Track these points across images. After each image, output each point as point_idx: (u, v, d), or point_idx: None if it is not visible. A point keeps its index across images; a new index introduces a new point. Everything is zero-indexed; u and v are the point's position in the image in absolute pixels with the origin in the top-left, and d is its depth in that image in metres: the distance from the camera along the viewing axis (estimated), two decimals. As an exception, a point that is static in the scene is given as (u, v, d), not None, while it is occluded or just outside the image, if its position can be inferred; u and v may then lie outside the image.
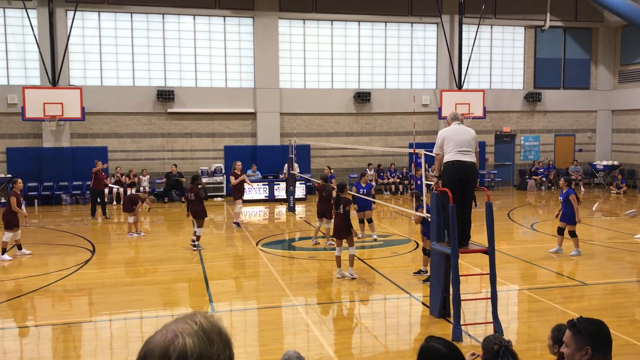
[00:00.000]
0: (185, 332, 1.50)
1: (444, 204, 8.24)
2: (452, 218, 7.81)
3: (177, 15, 23.33)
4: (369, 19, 25.10)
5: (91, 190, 18.66)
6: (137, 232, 15.55)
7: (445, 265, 8.48)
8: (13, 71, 22.17)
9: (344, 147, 23.41)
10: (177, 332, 1.50)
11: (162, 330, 1.54)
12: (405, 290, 10.24)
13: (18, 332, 8.57)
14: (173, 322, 1.56)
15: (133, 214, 15.40)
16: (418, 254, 12.76)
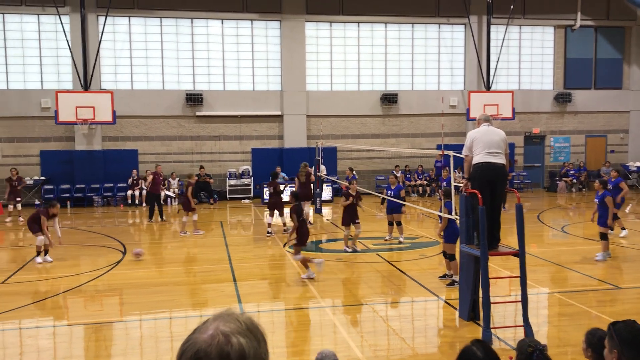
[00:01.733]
0: (236, 333, 1.48)
1: (473, 206, 8.16)
2: (481, 220, 7.73)
3: (205, 19, 23.60)
4: (396, 20, 25.03)
5: (148, 194, 18.90)
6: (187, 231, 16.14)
7: (474, 268, 8.39)
8: (46, 76, 22.69)
9: (370, 149, 23.37)
10: (228, 333, 1.47)
11: (207, 331, 1.49)
12: (434, 292, 10.17)
13: (52, 331, 8.76)
14: (214, 321, 1.52)
15: (195, 212, 15.98)
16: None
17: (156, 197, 18.56)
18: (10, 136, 22.39)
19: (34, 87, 22.55)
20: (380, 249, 13.86)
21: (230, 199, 23.27)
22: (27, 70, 22.60)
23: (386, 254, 13.33)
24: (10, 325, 8.85)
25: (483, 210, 7.73)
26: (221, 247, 14.41)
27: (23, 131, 22.44)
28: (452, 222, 10.32)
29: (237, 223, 18.52)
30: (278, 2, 23.82)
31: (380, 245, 14.34)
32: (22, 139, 22.48)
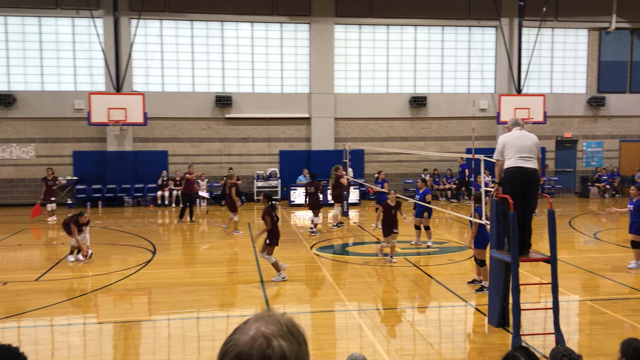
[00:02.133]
0: (277, 335, 1.46)
1: (504, 211, 8.04)
2: (512, 225, 7.62)
3: (235, 22, 23.79)
4: (425, 23, 24.88)
5: (182, 195, 19.10)
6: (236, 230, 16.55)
7: (504, 274, 8.28)
8: (80, 78, 23.14)
9: (398, 152, 23.25)
10: (269, 336, 1.46)
11: (248, 332, 1.48)
12: (462, 298, 10.05)
13: (82, 329, 8.91)
14: (255, 321, 1.51)
15: (237, 213, 16.38)
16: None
17: (189, 197, 18.74)
18: (44, 136, 22.89)
19: (68, 89, 23.03)
20: (408, 253, 13.77)
21: (258, 200, 23.38)
22: (62, 72, 23.08)
23: (414, 258, 13.23)
24: (43, 322, 9.03)
25: (514, 216, 7.62)
26: (249, 248, 14.49)
27: (57, 132, 22.93)
28: (482, 227, 10.19)
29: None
30: (307, 5, 23.89)
31: (407, 249, 14.24)
32: (56, 139, 22.96)
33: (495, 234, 8.40)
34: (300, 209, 21.73)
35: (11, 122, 22.64)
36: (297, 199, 22.45)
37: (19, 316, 9.25)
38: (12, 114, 22.52)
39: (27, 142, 22.83)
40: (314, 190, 16.44)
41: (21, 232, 17.07)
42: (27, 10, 22.38)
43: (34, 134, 22.84)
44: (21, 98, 22.54)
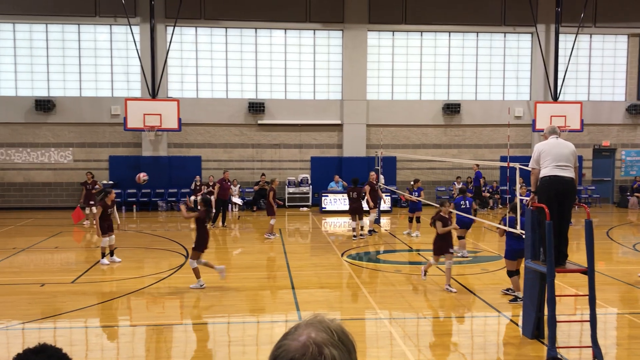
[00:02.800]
0: (329, 344, 1.46)
1: (540, 221, 7.88)
2: (548, 235, 7.45)
3: (269, 29, 24.00)
4: (460, 29, 24.67)
5: (216, 200, 19.28)
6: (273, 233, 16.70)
7: (539, 285, 8.10)
8: (117, 84, 23.63)
9: (431, 160, 23.05)
10: (320, 344, 1.45)
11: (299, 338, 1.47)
12: (495, 308, 9.87)
13: (116, 331, 9.04)
14: (306, 328, 1.50)
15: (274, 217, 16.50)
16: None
17: (223, 202, 18.89)
18: (81, 141, 23.42)
19: (105, 95, 23.53)
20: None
21: (289, 206, 23.46)
22: (99, 79, 23.61)
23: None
24: (78, 324, 9.20)
25: (550, 225, 7.45)
26: (280, 254, 14.53)
27: (94, 137, 23.43)
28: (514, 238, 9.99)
29: (295, 231, 18.63)
30: (341, 12, 23.94)
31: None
32: (93, 144, 23.46)
33: (531, 243, 8.23)
34: (331, 216, 21.71)
35: (50, 127, 23.23)
36: (328, 205, 22.45)
37: (55, 317, 9.44)
38: (51, 119, 23.12)
39: (65, 146, 23.39)
40: (356, 195, 16.59)
41: (58, 234, 17.46)
42: (67, 18, 22.98)
43: (72, 138, 23.39)
44: (60, 104, 23.12)
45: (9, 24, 23.03)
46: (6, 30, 23.10)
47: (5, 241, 16.20)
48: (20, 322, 9.09)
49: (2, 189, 23.22)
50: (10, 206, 23.03)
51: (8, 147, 23.14)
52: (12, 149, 23.17)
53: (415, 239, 16.69)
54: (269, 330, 8.99)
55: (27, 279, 11.82)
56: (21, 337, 8.57)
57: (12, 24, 23.05)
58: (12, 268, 13.04)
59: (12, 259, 13.94)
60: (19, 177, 23.28)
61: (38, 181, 23.32)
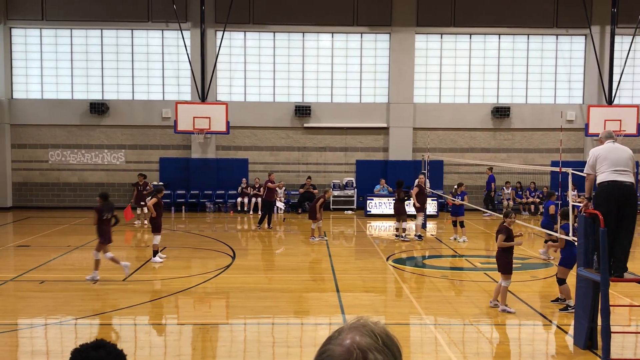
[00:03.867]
0: (373, 348, 1.45)
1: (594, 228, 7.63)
2: (602, 243, 7.21)
3: (316, 33, 24.12)
4: (510, 31, 24.19)
5: (263, 202, 19.60)
6: (320, 236, 16.75)
7: (592, 294, 7.84)
8: (168, 87, 24.20)
9: (479, 164, 22.65)
10: (364, 348, 1.44)
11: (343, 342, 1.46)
12: (545, 316, 9.61)
13: (163, 329, 9.24)
14: (350, 332, 1.49)
15: (316, 221, 16.48)
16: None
17: (269, 204, 19.10)
18: (133, 143, 24.07)
19: (157, 98, 24.13)
20: (488, 267, 13.34)
21: (334, 209, 23.47)
22: (151, 82, 24.22)
23: (495, 273, 12.76)
24: (128, 321, 9.45)
25: (604, 232, 7.21)
26: (325, 257, 14.55)
27: (145, 139, 24.05)
28: (570, 245, 9.69)
29: (339, 234, 18.63)
30: (388, 15, 23.84)
31: (488, 264, 13.80)
32: (144, 146, 24.08)
33: (583, 251, 7.98)
34: (376, 219, 21.60)
35: (104, 129, 23.98)
36: (373, 209, 22.36)
37: (106, 314, 9.72)
38: (104, 121, 23.86)
39: (117, 148, 24.09)
40: (397, 197, 17.03)
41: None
42: (121, 23, 23.69)
43: (124, 140, 24.06)
44: (113, 107, 23.84)
45: (67, 30, 23.91)
46: (64, 36, 23.98)
47: (60, 239, 16.80)
48: (73, 317, 9.40)
49: (58, 189, 24.09)
50: (65, 205, 23.87)
51: (64, 149, 24.00)
52: (67, 150, 24.02)
53: (462, 245, 16.43)
54: (312, 332, 9.01)
55: (80, 276, 12.21)
56: (74, 333, 8.86)
57: (69, 30, 23.92)
58: (66, 265, 13.51)
59: (66, 256, 14.44)
60: (73, 177, 24.11)
61: (91, 181, 24.10)
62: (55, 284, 11.58)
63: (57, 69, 24.09)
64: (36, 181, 24.05)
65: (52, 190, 24.06)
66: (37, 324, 9.18)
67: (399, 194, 17.29)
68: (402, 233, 17.18)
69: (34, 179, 24.05)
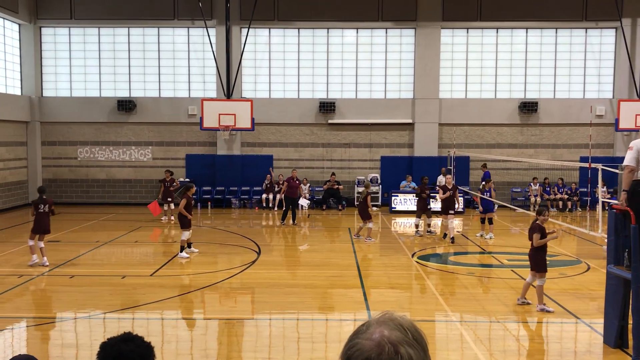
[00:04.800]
0: (403, 343, 1.44)
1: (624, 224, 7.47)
2: (634, 240, 7.06)
3: (341, 29, 24.06)
4: (538, 25, 23.80)
5: (285, 198, 19.70)
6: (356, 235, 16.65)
7: (623, 291, 7.69)
8: (194, 84, 24.41)
9: (506, 160, 22.36)
10: (395, 343, 1.43)
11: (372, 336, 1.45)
12: (574, 314, 9.46)
13: (190, 323, 9.34)
14: (378, 326, 1.48)
15: (370, 220, 16.18)
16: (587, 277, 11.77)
17: (292, 200, 19.16)
18: (160, 140, 24.35)
19: (182, 95, 24.35)
20: (515, 264, 13.18)
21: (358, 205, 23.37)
22: (177, 80, 24.46)
23: (522, 270, 12.60)
24: (155, 315, 9.57)
25: (635, 229, 7.06)
26: (349, 253, 14.53)
27: (172, 136, 24.31)
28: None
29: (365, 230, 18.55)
30: (413, 10, 23.66)
31: (516, 260, 13.63)
32: (171, 143, 24.34)
33: (614, 248, 7.83)
34: (401, 216, 21.50)
35: (131, 126, 24.30)
36: (398, 205, 22.26)
37: (133, 308, 9.87)
38: (132, 118, 24.17)
39: (144, 145, 24.39)
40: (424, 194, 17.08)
41: (138, 229, 18.23)
42: (147, 21, 23.95)
43: (151, 137, 24.36)
44: (140, 104, 24.14)
45: (94, 28, 24.27)
46: (92, 35, 24.34)
47: (89, 235, 17.09)
48: (102, 311, 9.56)
49: (87, 185, 24.50)
50: (94, 201, 24.27)
51: (92, 145, 24.39)
52: (96, 147, 24.40)
53: (489, 241, 16.26)
54: (337, 328, 9.02)
55: (109, 271, 12.42)
56: (102, 326, 9.01)
57: (97, 29, 24.28)
58: (95, 260, 13.74)
59: (95, 251, 14.69)
60: (101, 173, 24.50)
61: (119, 178, 24.45)
62: (84, 279, 11.79)
63: (86, 67, 24.47)
64: (65, 178, 24.50)
65: (81, 187, 24.49)
66: (67, 318, 9.37)
67: (422, 190, 17.22)
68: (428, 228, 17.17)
69: (64, 176, 24.50)
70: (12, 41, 23.56)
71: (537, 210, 10.03)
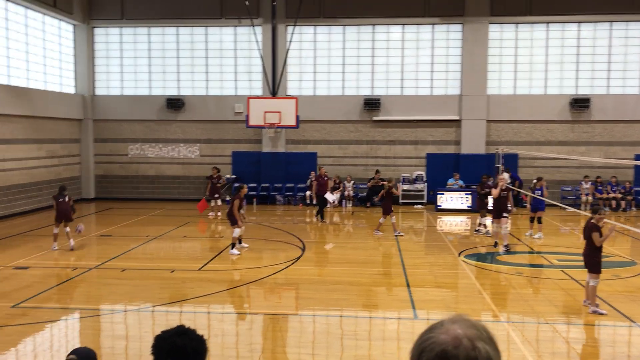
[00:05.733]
0: (480, 339, 1.45)
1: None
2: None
3: (386, 25, 23.90)
4: (591, 19, 23.05)
5: (316, 195, 20.08)
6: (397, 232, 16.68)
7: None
8: (240, 83, 24.71)
9: (556, 157, 21.78)
10: (472, 338, 1.44)
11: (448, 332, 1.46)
12: (628, 317, 9.14)
13: (235, 318, 9.47)
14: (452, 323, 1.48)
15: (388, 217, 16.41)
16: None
17: (320, 197, 19.62)
18: (207, 137, 24.77)
19: (229, 94, 24.69)
20: (566, 265, 12.83)
21: (403, 203, 23.25)
22: (224, 78, 24.81)
23: (573, 271, 12.27)
24: (202, 309, 9.75)
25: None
26: (394, 251, 14.45)
27: (219, 133, 24.69)
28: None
29: (409, 228, 18.43)
30: (461, 5, 23.29)
31: (566, 261, 13.28)
32: (218, 140, 24.73)
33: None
34: (447, 214, 21.23)
35: (180, 124, 24.80)
36: (444, 203, 21.99)
37: (181, 302, 10.08)
38: (180, 116, 24.67)
39: (192, 142, 24.86)
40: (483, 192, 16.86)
41: (186, 224, 18.61)
42: (195, 21, 24.38)
43: (199, 135, 24.80)
44: (189, 102, 24.60)
45: (145, 28, 24.86)
46: (142, 34, 24.94)
47: (139, 229, 17.54)
48: (151, 304, 9.81)
49: (137, 181, 25.16)
50: (144, 197, 24.90)
51: (142, 143, 25.02)
52: (146, 144, 25.02)
53: (537, 241, 15.88)
54: (381, 326, 8.98)
55: (158, 265, 12.73)
56: (151, 319, 9.24)
57: (147, 28, 24.86)
58: (145, 255, 14.10)
59: (145, 246, 15.07)
60: (151, 170, 25.10)
61: (168, 174, 25.00)
62: (135, 272, 12.12)
63: (136, 66, 25.10)
64: (116, 174, 25.22)
65: (132, 183, 25.16)
66: (118, 310, 9.65)
67: (482, 189, 16.99)
68: (483, 229, 16.86)
69: (115, 172, 25.22)
70: (67, 42, 24.38)
71: (593, 209, 9.72)
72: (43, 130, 22.10)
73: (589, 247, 9.44)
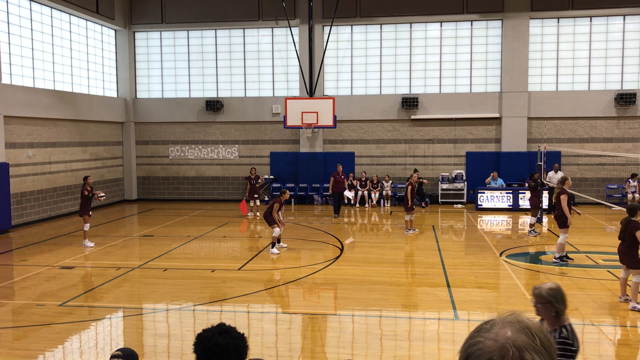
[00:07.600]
0: (529, 348, 1.34)
1: None
2: None
3: (424, 23, 23.68)
4: (637, 11, 22.33)
5: (332, 192, 20.39)
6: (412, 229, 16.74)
7: None
8: (277, 84, 24.87)
9: (601, 155, 21.19)
10: (520, 347, 1.34)
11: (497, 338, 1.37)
12: (678, 320, 8.81)
13: (275, 317, 9.53)
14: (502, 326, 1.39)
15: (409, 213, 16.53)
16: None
17: (338, 194, 20.23)
18: (246, 138, 25.02)
19: (267, 95, 24.88)
20: (612, 265, 12.46)
21: (442, 203, 22.99)
22: (262, 79, 25.01)
23: (619, 271, 11.90)
24: (241, 308, 9.85)
25: None
26: (434, 251, 14.31)
27: (257, 134, 24.91)
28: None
29: (448, 228, 18.22)
30: (500, 1, 22.89)
31: (612, 261, 12.89)
32: (256, 141, 24.96)
33: None
34: (488, 213, 20.90)
35: (219, 125, 25.12)
36: (484, 202, 21.64)
37: (222, 301, 10.20)
38: (219, 118, 24.98)
39: (231, 143, 25.15)
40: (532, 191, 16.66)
41: (225, 225, 18.83)
42: (233, 23, 24.65)
43: (237, 136, 25.07)
44: (227, 104, 24.90)
45: (184, 31, 25.27)
46: (181, 37, 25.37)
47: (180, 230, 17.84)
48: (192, 304, 9.96)
49: (178, 182, 25.60)
50: (184, 198, 25.33)
51: (183, 144, 25.44)
52: (186, 145, 25.43)
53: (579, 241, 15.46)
54: (421, 326, 8.89)
55: (199, 265, 12.92)
56: (192, 318, 9.38)
57: (186, 32, 25.27)
58: (186, 254, 14.33)
59: (186, 246, 15.32)
60: (191, 171, 25.50)
61: (208, 175, 25.35)
62: (176, 272, 12.32)
63: (176, 69, 25.54)
64: (158, 175, 25.71)
65: (172, 184, 25.61)
66: (160, 309, 9.83)
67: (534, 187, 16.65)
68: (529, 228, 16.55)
69: (156, 173, 25.72)
70: (109, 46, 24.99)
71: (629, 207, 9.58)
72: (87, 133, 22.70)
73: (627, 244, 9.35)
